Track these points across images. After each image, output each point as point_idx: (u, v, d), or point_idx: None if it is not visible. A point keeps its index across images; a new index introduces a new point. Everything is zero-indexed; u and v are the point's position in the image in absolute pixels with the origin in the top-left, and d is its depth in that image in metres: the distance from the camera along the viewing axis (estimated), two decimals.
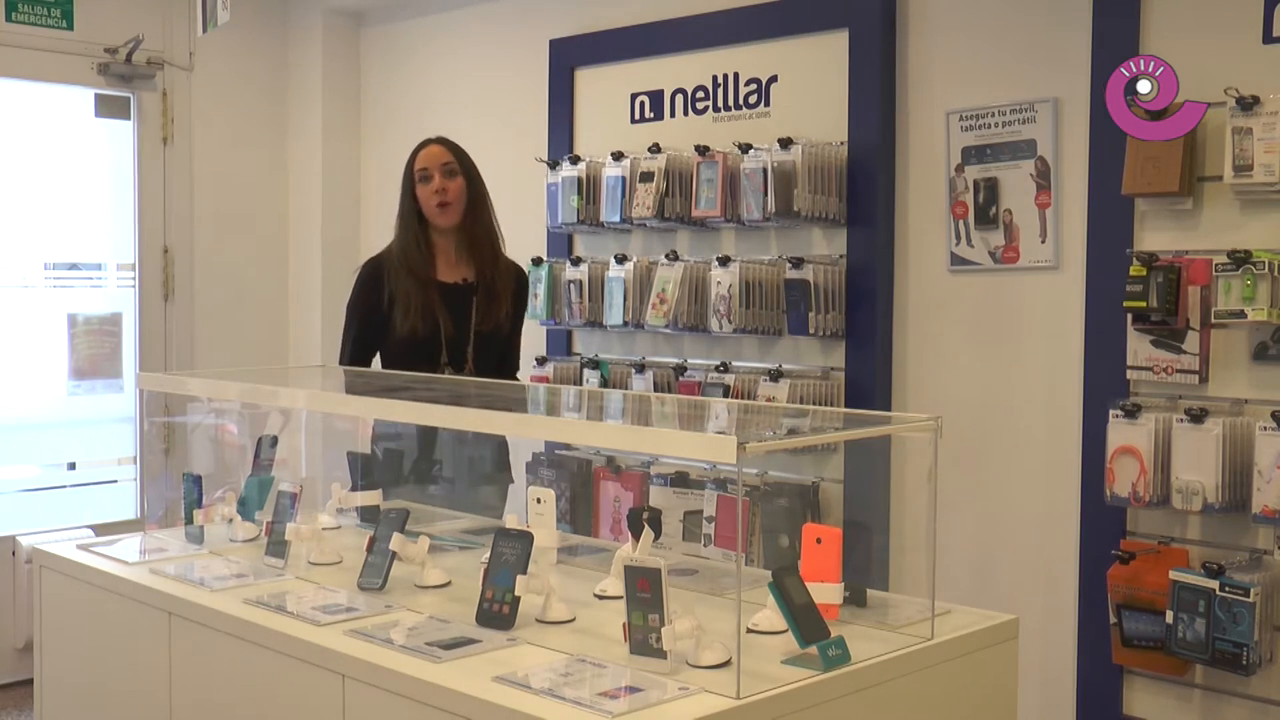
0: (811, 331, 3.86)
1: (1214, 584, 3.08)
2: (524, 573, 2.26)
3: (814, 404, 3.82)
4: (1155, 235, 3.36)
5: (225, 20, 3.84)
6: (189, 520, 3.12)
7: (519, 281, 3.96)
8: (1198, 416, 3.13)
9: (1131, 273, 3.25)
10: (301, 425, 3.68)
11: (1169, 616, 3.16)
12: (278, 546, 2.82)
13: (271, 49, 5.71)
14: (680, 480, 4.08)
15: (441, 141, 3.94)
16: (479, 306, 3.80)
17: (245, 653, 2.40)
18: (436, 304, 3.74)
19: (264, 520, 2.99)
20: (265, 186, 5.73)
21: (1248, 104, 3.08)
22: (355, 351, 3.84)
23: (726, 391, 4.00)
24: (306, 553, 2.85)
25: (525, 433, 3.64)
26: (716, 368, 4.12)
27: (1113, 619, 3.33)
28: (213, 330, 5.54)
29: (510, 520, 2.44)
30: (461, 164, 3.87)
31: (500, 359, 3.91)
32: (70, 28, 5.17)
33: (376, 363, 3.88)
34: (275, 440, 3.29)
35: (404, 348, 3.73)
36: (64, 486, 5.42)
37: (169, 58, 5.38)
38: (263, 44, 5.68)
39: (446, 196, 3.78)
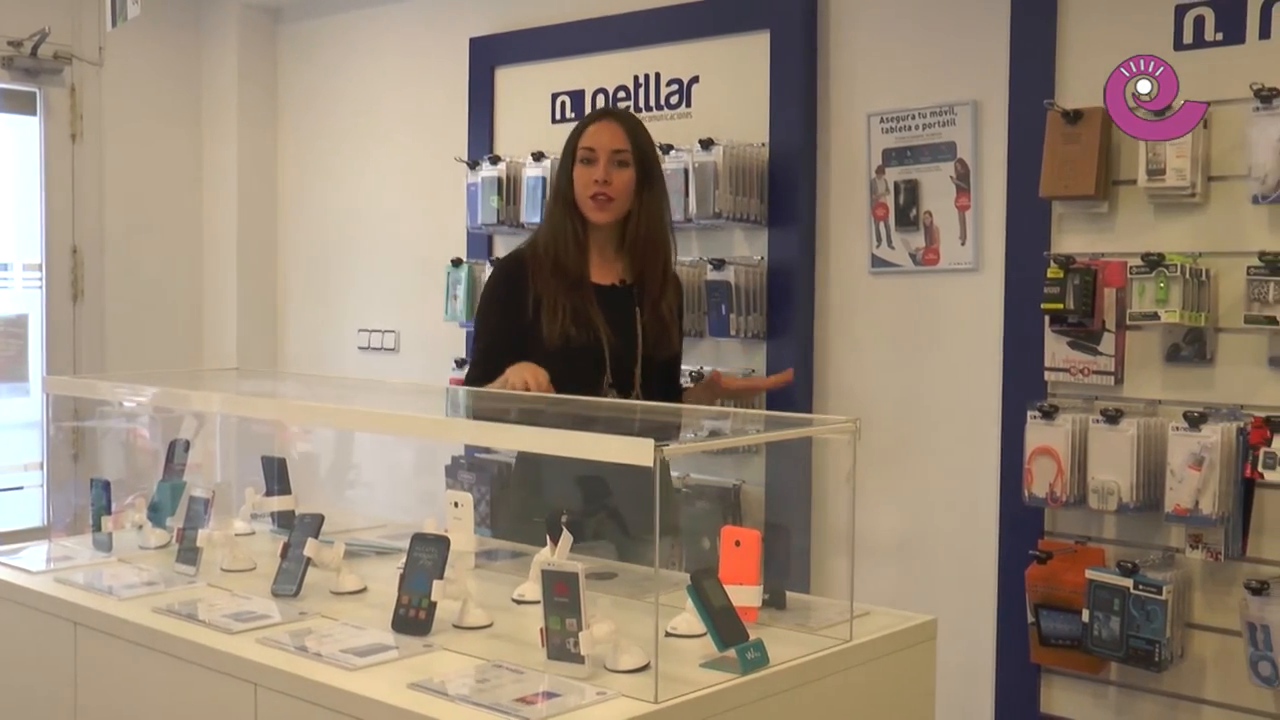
0: (733, 333, 3.86)
1: (1128, 582, 3.12)
2: (440, 578, 2.23)
3: (736, 406, 3.82)
4: (1072, 238, 3.40)
5: (135, 14, 3.74)
6: (97, 527, 3.05)
7: (678, 295, 3.40)
8: (1113, 417, 3.17)
9: (1049, 275, 3.28)
10: (216, 429, 3.61)
11: (1085, 615, 3.19)
12: (189, 553, 2.76)
13: (186, 45, 5.60)
14: None
15: (619, 118, 3.30)
16: (646, 318, 3.22)
17: (154, 663, 2.34)
18: (591, 307, 3.15)
19: (175, 526, 2.93)
20: (179, 185, 5.62)
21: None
22: (488, 366, 3.14)
23: None
24: (219, 559, 2.79)
25: (441, 436, 3.60)
26: None
27: (1030, 618, 3.36)
28: (124, 332, 5.42)
29: (428, 525, 2.41)
30: (637, 152, 3.21)
31: (668, 379, 3.34)
32: None
33: None
34: (188, 445, 3.23)
35: (556, 361, 3.05)
36: None
37: (77, 52, 5.26)
38: (176, 39, 5.57)
39: (608, 190, 3.16)
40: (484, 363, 3.18)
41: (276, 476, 3.17)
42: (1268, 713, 3.10)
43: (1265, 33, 3.09)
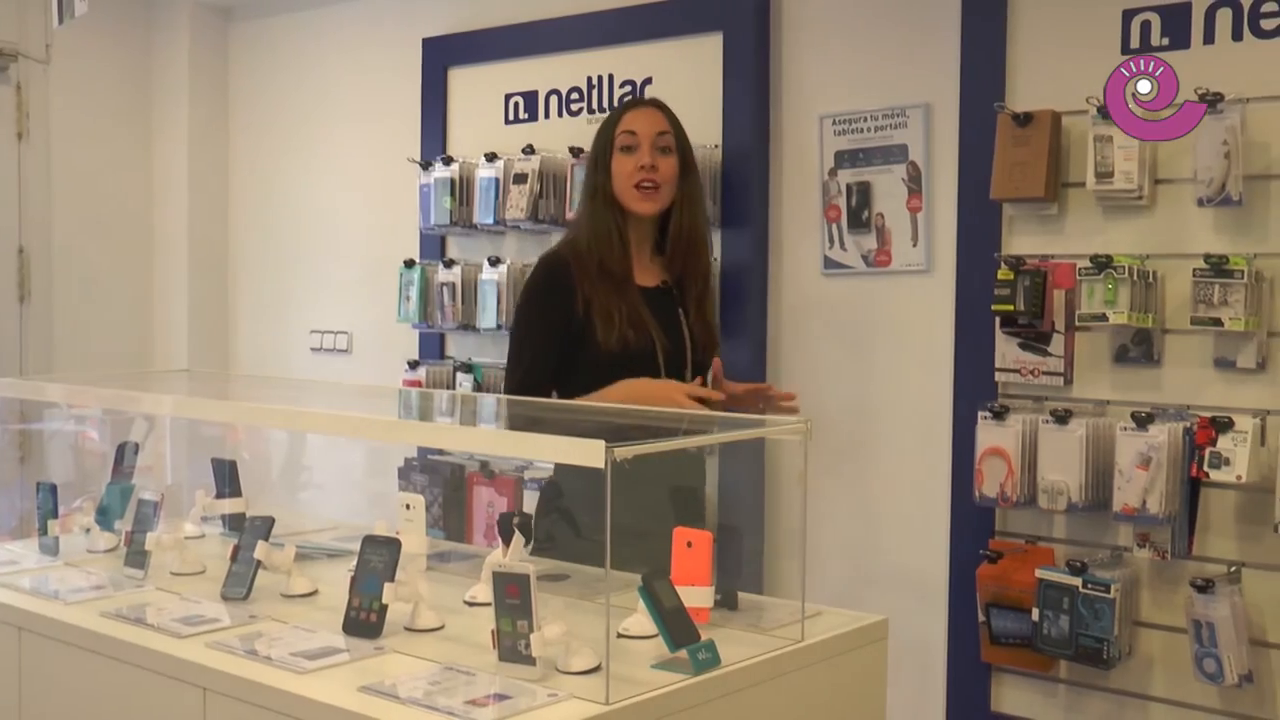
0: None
1: (1077, 581, 3.15)
2: (392, 580, 2.22)
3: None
4: (1022, 240, 3.42)
5: (83, 12, 3.69)
6: (44, 531, 3.00)
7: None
8: (1062, 418, 3.20)
9: (999, 276, 3.31)
10: (166, 431, 3.58)
11: (1035, 614, 3.22)
12: (138, 556, 2.73)
13: (135, 43, 5.54)
14: None
15: (657, 105, 3.13)
16: (692, 320, 3.09)
17: (101, 668, 2.31)
18: (643, 310, 2.98)
19: (124, 530, 2.89)
20: (129, 185, 5.56)
21: (1108, 113, 3.15)
22: (534, 373, 2.99)
23: None
24: (169, 563, 2.77)
25: (394, 438, 3.58)
26: None
27: (981, 617, 3.38)
28: (71, 334, 5.35)
29: (379, 527, 2.40)
30: (679, 139, 3.08)
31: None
32: None
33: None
34: (137, 447, 3.19)
35: (611, 366, 2.91)
36: None
37: (23, 49, 5.18)
38: (126, 37, 5.51)
39: (655, 176, 2.99)
40: (529, 370, 3.00)
41: (227, 479, 3.14)
42: (1212, 709, 3.14)
43: (1209, 38, 3.13)
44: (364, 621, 2.22)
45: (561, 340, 2.97)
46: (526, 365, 3.02)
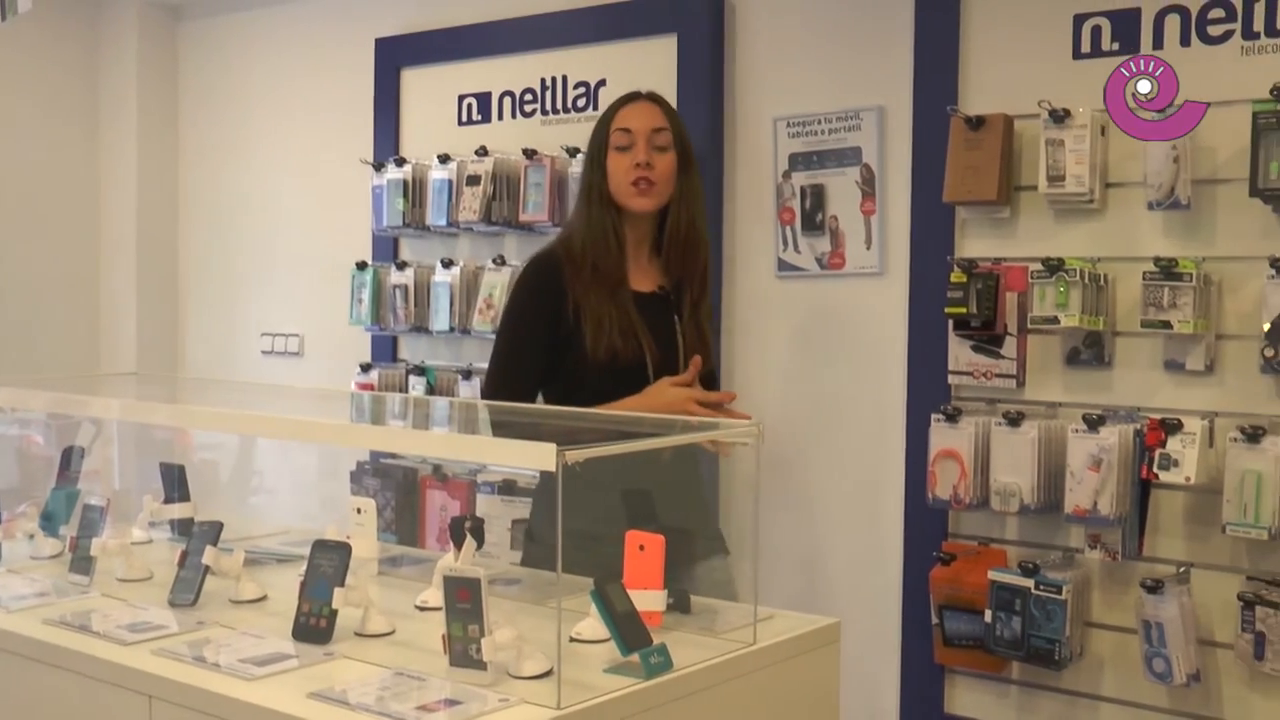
0: None
1: (1029, 583, 3.17)
2: (342, 585, 2.19)
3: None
4: (975, 243, 3.44)
5: (27, 9, 3.61)
6: None
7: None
8: (1015, 420, 3.21)
9: (952, 279, 3.32)
10: (114, 435, 3.53)
11: (988, 615, 3.23)
12: (83, 562, 2.69)
13: (82, 40, 5.47)
14: (508, 488, 4.04)
15: (653, 99, 3.00)
16: (683, 327, 2.92)
17: (45, 676, 2.27)
18: (635, 317, 2.85)
19: (69, 535, 2.85)
20: (75, 185, 5.49)
21: (1059, 116, 3.18)
22: (515, 378, 2.86)
23: None
24: (115, 569, 2.72)
25: (345, 441, 3.55)
26: None
27: (934, 619, 3.39)
28: (15, 336, 5.26)
29: (329, 531, 2.37)
30: (676, 134, 2.93)
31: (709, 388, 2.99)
32: None
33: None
34: (84, 452, 3.15)
35: (599, 377, 2.79)
36: None
37: None
38: (72, 34, 5.44)
39: (651, 174, 2.86)
40: (510, 377, 2.87)
41: (176, 483, 3.10)
42: (1162, 708, 3.17)
43: (1158, 43, 3.16)
44: (314, 627, 2.19)
45: (549, 343, 2.84)
46: (509, 368, 2.89)
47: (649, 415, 2.63)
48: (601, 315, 2.79)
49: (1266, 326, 2.92)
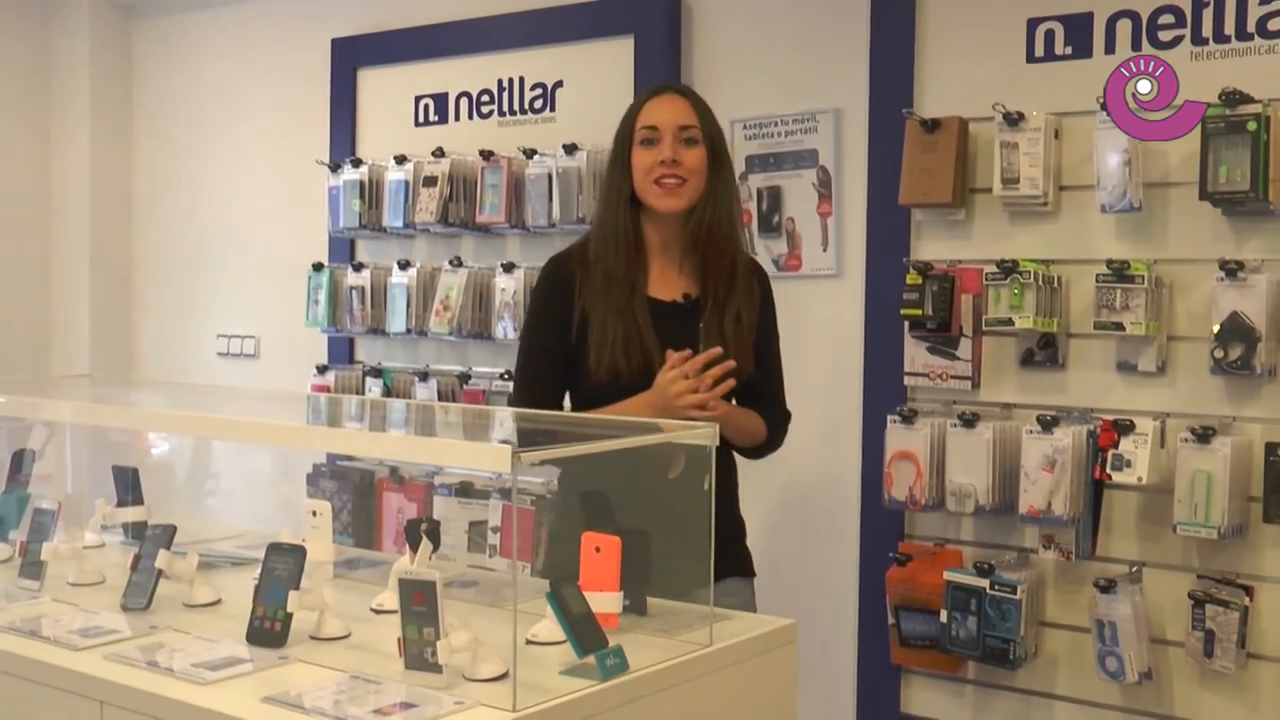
0: None
1: (984, 583, 3.19)
2: (297, 588, 2.18)
3: None
4: (931, 245, 3.46)
5: None
6: None
7: (763, 287, 2.83)
8: (970, 421, 3.24)
9: (908, 281, 3.34)
10: (66, 438, 3.49)
11: (943, 616, 3.25)
12: (33, 567, 2.65)
13: (33, 39, 5.41)
14: (465, 490, 4.03)
15: (683, 92, 2.80)
16: (707, 337, 2.66)
17: None
18: (645, 331, 2.63)
19: (19, 540, 2.81)
20: (25, 186, 5.42)
21: (1014, 119, 3.20)
22: (532, 384, 2.71)
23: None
24: (66, 573, 2.69)
25: (301, 443, 3.52)
26: (501, 375, 4.08)
27: (891, 619, 3.41)
28: None
29: (284, 534, 2.36)
30: (706, 129, 2.71)
31: (755, 402, 2.82)
32: None
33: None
34: (35, 455, 3.11)
35: (602, 396, 2.61)
36: None
37: None
38: (23, 32, 5.38)
39: (679, 171, 2.64)
40: (527, 384, 2.73)
41: (129, 486, 3.07)
42: (1115, 706, 3.20)
43: (1110, 48, 3.19)
44: (268, 631, 2.18)
45: (561, 349, 2.68)
46: (525, 375, 2.75)
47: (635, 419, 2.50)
48: (606, 329, 2.62)
49: (1216, 328, 2.96)
